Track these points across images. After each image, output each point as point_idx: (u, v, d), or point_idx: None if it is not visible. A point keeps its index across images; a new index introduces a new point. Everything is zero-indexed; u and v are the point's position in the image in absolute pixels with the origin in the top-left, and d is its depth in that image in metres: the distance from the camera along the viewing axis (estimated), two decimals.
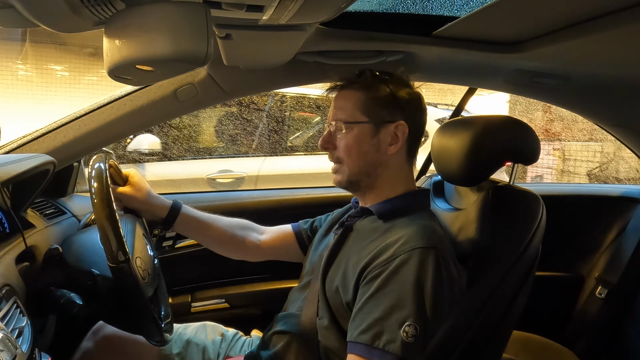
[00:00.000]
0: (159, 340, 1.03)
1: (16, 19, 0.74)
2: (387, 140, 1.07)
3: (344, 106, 1.08)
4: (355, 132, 1.06)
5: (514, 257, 1.14)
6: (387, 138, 1.07)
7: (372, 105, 1.06)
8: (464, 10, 1.11)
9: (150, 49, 0.68)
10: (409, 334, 0.88)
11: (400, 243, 0.96)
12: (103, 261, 0.93)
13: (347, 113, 1.07)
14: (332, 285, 1.04)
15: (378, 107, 1.06)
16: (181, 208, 1.27)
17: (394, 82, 1.09)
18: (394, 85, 1.09)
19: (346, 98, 1.09)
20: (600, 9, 0.90)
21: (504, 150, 1.19)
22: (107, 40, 0.72)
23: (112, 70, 0.74)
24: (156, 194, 1.26)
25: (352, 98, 1.08)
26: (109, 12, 0.74)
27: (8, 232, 1.12)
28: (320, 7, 0.88)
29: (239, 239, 1.33)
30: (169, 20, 0.67)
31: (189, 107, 1.43)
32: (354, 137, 1.06)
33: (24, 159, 1.12)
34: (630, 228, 1.84)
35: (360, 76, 1.10)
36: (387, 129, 1.07)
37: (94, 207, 0.92)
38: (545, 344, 1.77)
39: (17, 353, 0.79)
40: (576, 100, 1.61)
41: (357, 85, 1.09)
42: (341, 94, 1.11)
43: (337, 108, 1.09)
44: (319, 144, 1.10)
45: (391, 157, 1.07)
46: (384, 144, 1.07)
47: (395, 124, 1.06)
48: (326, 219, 1.31)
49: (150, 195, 1.24)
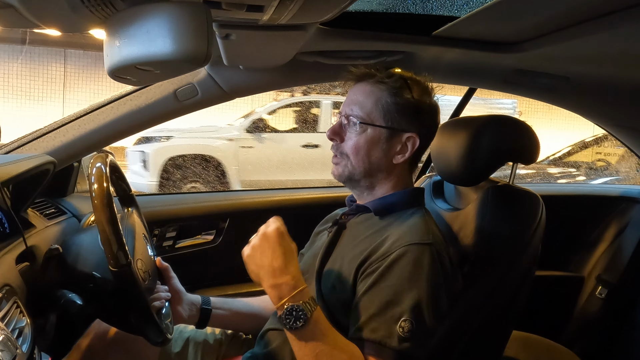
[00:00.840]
0: (159, 341, 1.03)
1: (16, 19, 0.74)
2: (396, 148, 1.05)
3: (364, 103, 1.04)
4: (369, 134, 1.03)
5: (513, 256, 1.14)
6: (397, 147, 1.05)
7: (393, 111, 1.03)
8: (463, 10, 1.11)
9: (150, 49, 0.68)
10: (405, 329, 0.88)
11: (396, 239, 0.96)
12: (104, 263, 0.93)
13: (365, 111, 1.03)
14: (327, 283, 1.04)
15: (398, 114, 1.03)
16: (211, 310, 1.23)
17: (418, 90, 1.05)
18: (418, 93, 1.05)
19: (367, 94, 1.04)
20: (600, 9, 0.90)
21: (503, 150, 1.19)
22: (107, 41, 0.72)
23: (112, 70, 0.74)
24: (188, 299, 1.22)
25: (374, 96, 1.04)
26: (109, 12, 0.74)
27: (8, 232, 1.12)
28: (320, 7, 0.88)
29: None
30: (169, 20, 0.67)
31: (189, 107, 1.43)
32: (366, 139, 1.03)
33: (24, 159, 1.13)
34: (630, 228, 1.84)
35: (390, 77, 1.04)
36: (400, 137, 1.04)
37: (94, 208, 0.92)
38: (545, 344, 1.77)
39: (17, 353, 0.79)
40: (576, 100, 1.61)
41: (383, 85, 1.04)
42: (363, 88, 1.05)
43: (356, 102, 1.05)
44: (327, 133, 1.07)
45: (396, 165, 1.06)
46: (392, 151, 1.05)
47: (408, 135, 1.04)
48: None
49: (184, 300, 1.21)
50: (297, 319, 0.84)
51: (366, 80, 1.06)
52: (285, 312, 0.85)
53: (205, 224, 1.79)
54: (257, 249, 0.88)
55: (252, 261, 0.89)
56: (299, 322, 0.84)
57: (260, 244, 0.88)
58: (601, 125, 1.82)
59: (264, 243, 0.88)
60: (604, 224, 1.95)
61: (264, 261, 0.87)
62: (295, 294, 0.86)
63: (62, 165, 1.39)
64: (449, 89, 1.62)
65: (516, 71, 1.38)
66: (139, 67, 0.73)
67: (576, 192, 2.16)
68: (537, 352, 1.73)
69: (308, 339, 0.86)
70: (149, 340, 1.02)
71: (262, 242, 0.88)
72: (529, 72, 1.38)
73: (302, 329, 0.85)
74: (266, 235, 0.88)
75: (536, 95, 1.60)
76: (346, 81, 1.09)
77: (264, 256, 0.88)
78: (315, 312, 0.86)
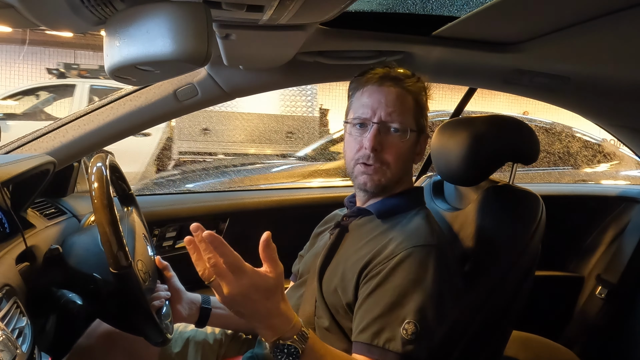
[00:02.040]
0: (160, 341, 1.03)
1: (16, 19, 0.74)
2: (417, 150, 1.07)
3: (402, 110, 1.02)
4: (409, 141, 1.04)
5: (513, 256, 1.14)
6: (418, 148, 1.08)
7: (420, 114, 1.06)
8: (463, 10, 1.10)
9: (150, 49, 0.68)
10: (408, 331, 0.88)
11: (400, 241, 0.96)
12: (104, 264, 0.93)
13: (404, 117, 1.02)
14: (330, 286, 1.03)
15: (422, 117, 1.06)
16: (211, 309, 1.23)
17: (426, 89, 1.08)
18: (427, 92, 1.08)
19: (402, 100, 1.03)
20: (600, 9, 0.90)
21: (503, 150, 1.19)
22: (107, 41, 0.72)
23: (112, 70, 0.74)
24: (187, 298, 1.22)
25: (407, 101, 1.03)
26: (109, 12, 0.74)
27: (8, 232, 1.12)
28: (320, 7, 0.88)
29: None
30: (168, 20, 0.67)
31: (189, 107, 1.43)
32: (407, 145, 1.03)
33: (24, 159, 1.13)
34: (630, 228, 1.84)
35: (411, 78, 1.04)
36: (423, 138, 1.08)
37: (94, 209, 0.92)
38: (545, 344, 1.77)
39: (17, 353, 0.79)
40: (576, 100, 1.61)
41: (410, 88, 1.04)
42: (395, 92, 1.03)
43: (394, 110, 1.01)
44: (368, 143, 1.01)
45: (412, 166, 1.09)
46: (415, 153, 1.08)
47: (424, 135, 1.08)
48: None
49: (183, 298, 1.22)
50: (289, 355, 0.79)
51: (391, 82, 1.03)
52: (276, 349, 0.80)
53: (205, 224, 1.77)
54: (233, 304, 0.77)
55: (233, 309, 0.79)
56: (291, 358, 0.79)
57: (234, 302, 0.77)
58: (601, 125, 1.82)
59: (239, 300, 0.76)
60: (604, 224, 1.95)
61: (246, 312, 0.78)
62: (286, 332, 0.79)
63: (62, 165, 1.39)
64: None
65: (516, 71, 1.38)
66: (139, 67, 0.73)
67: (576, 192, 2.16)
68: (537, 352, 1.73)
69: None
70: (149, 340, 1.02)
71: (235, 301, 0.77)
72: (529, 72, 1.38)
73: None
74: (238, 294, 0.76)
75: (536, 95, 1.60)
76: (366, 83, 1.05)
77: (244, 309, 0.78)
78: (308, 342, 0.80)
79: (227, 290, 0.75)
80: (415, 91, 1.04)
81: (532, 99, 1.61)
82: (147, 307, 0.97)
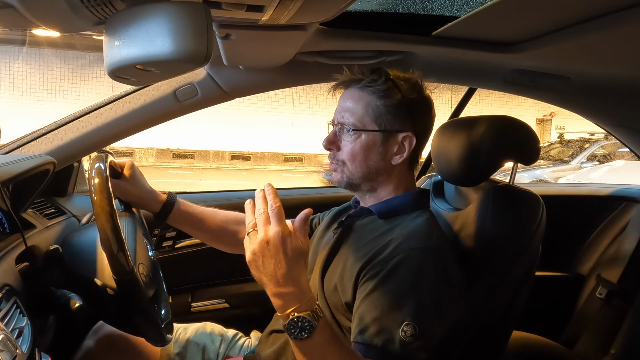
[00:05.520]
0: (160, 341, 1.03)
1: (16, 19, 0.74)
2: (393, 149, 1.04)
3: (354, 109, 1.03)
4: (363, 140, 1.03)
5: (514, 257, 1.14)
6: (394, 148, 1.04)
7: (384, 113, 1.02)
8: (463, 10, 1.10)
9: (150, 49, 0.68)
10: (407, 333, 0.87)
11: (399, 242, 0.96)
12: (105, 267, 0.93)
13: (357, 117, 1.03)
14: (330, 284, 1.03)
15: (390, 116, 1.03)
16: (175, 202, 1.27)
17: (407, 87, 1.04)
18: (408, 90, 1.04)
19: (357, 100, 1.04)
20: (600, 9, 0.90)
21: (504, 150, 1.19)
22: (107, 41, 0.72)
23: (112, 70, 0.73)
24: (150, 188, 1.26)
25: (363, 102, 1.03)
26: (109, 12, 0.74)
27: (8, 232, 1.12)
28: (320, 7, 0.88)
29: (234, 233, 1.32)
30: (168, 20, 0.67)
31: (189, 107, 1.43)
32: (361, 145, 1.03)
33: (24, 159, 1.13)
34: (630, 228, 1.84)
35: (377, 80, 1.04)
36: (395, 138, 1.04)
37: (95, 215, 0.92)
38: (545, 344, 1.77)
39: (17, 353, 0.79)
40: (576, 100, 1.61)
41: (371, 89, 1.03)
42: (351, 94, 1.05)
43: (346, 110, 1.05)
44: (322, 143, 1.07)
45: (395, 166, 1.06)
46: (390, 153, 1.04)
47: (403, 135, 1.03)
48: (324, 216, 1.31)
49: (144, 190, 1.24)
50: (303, 329, 0.80)
51: (353, 85, 1.06)
52: (289, 323, 0.81)
53: None
54: (259, 255, 0.81)
55: (254, 266, 0.82)
56: (304, 333, 0.80)
57: (262, 251, 0.81)
58: (601, 125, 1.82)
59: (265, 250, 0.80)
60: (604, 224, 1.94)
61: (267, 269, 0.81)
62: (301, 304, 0.81)
63: (62, 166, 1.39)
64: None
65: (516, 71, 1.38)
66: (138, 67, 0.73)
67: (576, 192, 2.16)
68: (537, 352, 1.73)
69: (312, 348, 0.83)
70: (150, 341, 1.02)
71: (262, 249, 0.80)
72: (529, 72, 1.38)
73: (307, 339, 0.81)
74: (267, 241, 0.80)
75: (536, 95, 1.60)
76: (336, 89, 1.09)
77: (266, 264, 0.81)
78: (321, 321, 0.82)
79: (261, 235, 0.81)
80: (378, 91, 1.02)
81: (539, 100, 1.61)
82: (149, 310, 0.97)
